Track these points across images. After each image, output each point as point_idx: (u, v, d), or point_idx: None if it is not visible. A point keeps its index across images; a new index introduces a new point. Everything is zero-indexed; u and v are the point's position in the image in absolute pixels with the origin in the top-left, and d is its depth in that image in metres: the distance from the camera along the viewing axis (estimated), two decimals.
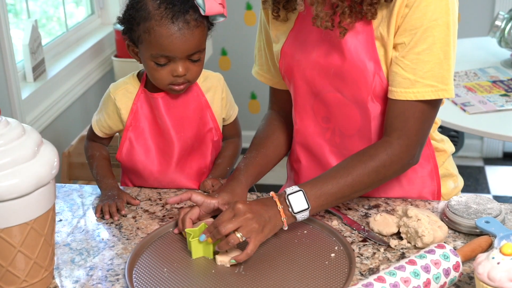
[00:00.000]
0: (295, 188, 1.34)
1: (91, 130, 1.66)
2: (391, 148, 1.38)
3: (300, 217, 1.33)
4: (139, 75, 1.62)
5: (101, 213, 1.51)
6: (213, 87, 1.63)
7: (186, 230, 1.35)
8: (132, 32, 1.50)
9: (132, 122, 1.59)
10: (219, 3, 1.47)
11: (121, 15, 1.52)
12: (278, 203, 1.33)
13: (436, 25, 1.33)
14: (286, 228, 1.33)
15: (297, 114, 1.56)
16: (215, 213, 1.43)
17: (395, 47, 1.38)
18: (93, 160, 1.65)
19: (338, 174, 1.37)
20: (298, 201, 1.33)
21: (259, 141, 1.61)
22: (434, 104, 1.39)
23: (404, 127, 1.38)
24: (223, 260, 1.30)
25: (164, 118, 1.58)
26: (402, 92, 1.37)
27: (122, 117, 1.59)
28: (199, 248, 1.33)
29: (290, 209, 1.32)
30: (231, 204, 1.34)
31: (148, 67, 1.51)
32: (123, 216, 1.50)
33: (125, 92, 1.60)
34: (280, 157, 1.63)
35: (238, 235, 1.27)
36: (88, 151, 1.67)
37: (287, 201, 1.33)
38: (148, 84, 1.59)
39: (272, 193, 1.35)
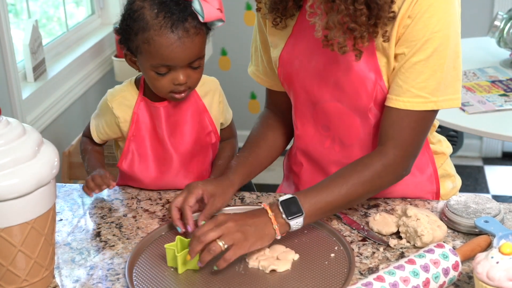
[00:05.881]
0: (288, 195, 1.31)
1: (88, 130, 1.66)
2: (386, 158, 1.36)
3: (294, 224, 1.29)
4: (137, 81, 1.59)
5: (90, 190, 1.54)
6: (210, 92, 1.62)
7: (166, 246, 1.30)
8: (130, 42, 1.47)
9: (134, 132, 1.57)
10: (217, 8, 1.44)
11: (117, 26, 1.49)
12: (269, 211, 1.29)
13: (437, 37, 1.31)
14: (279, 237, 1.29)
15: (298, 119, 1.54)
16: (200, 202, 1.42)
17: (395, 57, 1.36)
18: (86, 153, 1.67)
19: (332, 183, 1.35)
20: (291, 207, 1.29)
21: (253, 140, 1.59)
22: (430, 116, 1.37)
23: (400, 137, 1.36)
24: (254, 264, 1.30)
25: (163, 127, 1.56)
26: (393, 99, 1.35)
27: (121, 125, 1.58)
28: (186, 262, 1.29)
29: (283, 216, 1.29)
30: (213, 217, 1.31)
31: (148, 76, 1.48)
32: (108, 187, 1.54)
33: (122, 100, 1.57)
34: (273, 158, 1.61)
35: (220, 243, 1.24)
36: (82, 145, 1.69)
37: (280, 207, 1.29)
38: (146, 91, 1.56)
39: (263, 204, 1.32)
